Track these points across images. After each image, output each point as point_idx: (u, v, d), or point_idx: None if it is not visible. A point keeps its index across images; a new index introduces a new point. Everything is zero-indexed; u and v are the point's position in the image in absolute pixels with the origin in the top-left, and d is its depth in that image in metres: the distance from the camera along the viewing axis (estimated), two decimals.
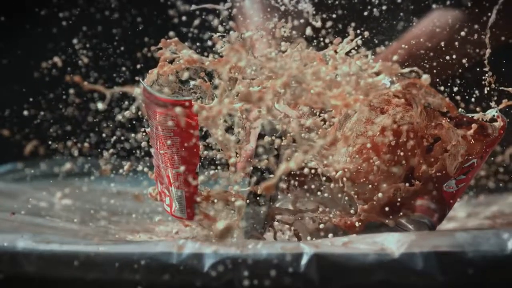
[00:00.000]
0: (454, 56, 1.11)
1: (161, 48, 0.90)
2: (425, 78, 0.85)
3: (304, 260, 0.76)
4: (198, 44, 1.09)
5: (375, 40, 1.13)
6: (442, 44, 1.13)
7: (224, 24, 0.96)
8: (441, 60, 1.12)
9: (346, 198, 0.91)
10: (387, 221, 0.89)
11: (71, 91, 1.20)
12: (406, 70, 0.86)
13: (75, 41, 1.33)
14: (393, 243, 0.77)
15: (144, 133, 0.93)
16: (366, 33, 0.96)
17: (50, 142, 1.26)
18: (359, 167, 0.89)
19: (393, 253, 0.76)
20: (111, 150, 1.08)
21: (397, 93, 0.89)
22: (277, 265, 0.75)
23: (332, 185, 0.91)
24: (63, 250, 0.78)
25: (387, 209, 0.89)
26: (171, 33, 0.93)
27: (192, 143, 0.85)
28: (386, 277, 0.75)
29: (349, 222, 0.89)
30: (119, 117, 0.90)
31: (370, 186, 0.89)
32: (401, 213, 0.89)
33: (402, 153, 0.89)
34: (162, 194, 0.90)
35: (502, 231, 0.80)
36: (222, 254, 0.76)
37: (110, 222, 1.04)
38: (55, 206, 1.15)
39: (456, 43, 1.12)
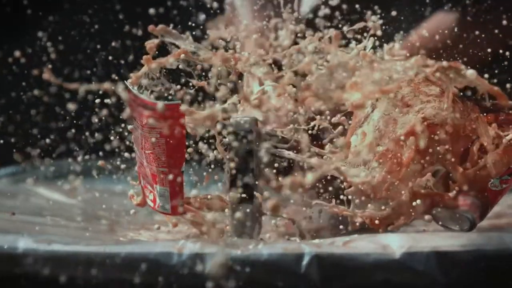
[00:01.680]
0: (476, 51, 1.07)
1: (149, 37, 0.88)
2: (471, 73, 0.81)
3: (305, 261, 0.75)
4: (189, 24, 1.04)
5: (401, 30, 1.08)
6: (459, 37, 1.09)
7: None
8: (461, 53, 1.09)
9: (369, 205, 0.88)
10: (425, 216, 0.86)
11: (36, 91, 1.15)
12: (445, 63, 0.82)
13: (40, 33, 1.26)
14: (394, 243, 0.77)
15: (127, 132, 0.92)
16: (394, 13, 0.93)
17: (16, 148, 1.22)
18: (383, 179, 0.86)
19: (394, 253, 0.76)
20: (82, 158, 1.06)
21: (431, 77, 0.84)
22: (278, 265, 0.75)
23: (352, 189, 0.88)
24: (64, 250, 0.78)
25: (420, 203, 0.86)
26: (151, 10, 0.90)
27: (179, 143, 0.85)
28: (387, 277, 0.75)
29: (378, 220, 0.87)
30: (95, 118, 0.89)
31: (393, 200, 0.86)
32: (440, 207, 0.86)
33: (436, 157, 0.85)
34: (145, 189, 0.90)
35: (503, 232, 0.79)
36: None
37: (110, 222, 1.04)
38: (55, 206, 1.15)
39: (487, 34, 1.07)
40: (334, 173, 0.86)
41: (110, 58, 1.23)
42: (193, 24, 0.98)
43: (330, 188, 0.92)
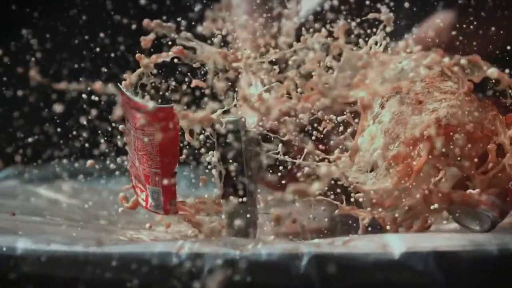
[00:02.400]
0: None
1: (144, 32, 0.86)
2: (492, 71, 0.79)
3: (304, 261, 0.75)
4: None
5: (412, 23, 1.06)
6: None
7: None
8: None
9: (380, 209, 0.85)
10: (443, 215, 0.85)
11: (20, 92, 1.12)
12: (464, 61, 0.79)
13: (24, 31, 1.22)
14: (394, 243, 0.77)
15: (118, 134, 0.92)
16: (407, 4, 0.91)
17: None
18: (394, 185, 0.83)
19: (393, 253, 0.76)
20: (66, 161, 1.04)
21: (448, 72, 0.82)
22: (277, 265, 0.75)
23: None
24: (63, 250, 0.78)
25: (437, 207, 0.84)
26: (142, 0, 0.89)
27: (172, 145, 0.85)
28: (387, 277, 0.75)
29: (389, 225, 0.85)
30: (84, 120, 0.88)
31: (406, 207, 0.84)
32: (459, 206, 0.84)
33: (451, 160, 0.83)
34: (137, 188, 0.90)
35: (503, 232, 0.79)
36: (222, 255, 0.75)
37: (110, 222, 1.04)
38: (55, 206, 1.15)
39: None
40: (342, 180, 0.85)
41: (99, 54, 1.20)
42: (188, 16, 0.96)
43: (338, 190, 0.90)
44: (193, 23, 0.90)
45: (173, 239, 0.90)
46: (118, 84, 0.85)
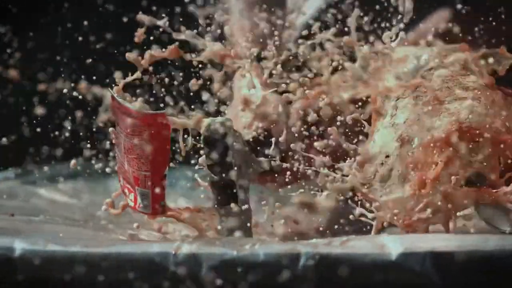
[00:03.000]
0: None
1: (136, 27, 0.85)
2: None
3: (302, 261, 0.75)
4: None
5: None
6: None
7: None
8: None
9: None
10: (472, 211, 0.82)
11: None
12: (491, 60, 0.77)
13: (2, 29, 1.20)
14: (391, 243, 0.77)
15: (108, 139, 0.91)
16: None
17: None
18: (410, 197, 0.81)
19: (391, 253, 0.76)
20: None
21: (473, 66, 0.78)
22: (275, 265, 0.75)
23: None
24: (62, 250, 0.78)
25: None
26: None
27: (163, 149, 0.85)
28: (384, 278, 0.75)
29: (414, 221, 0.84)
30: (68, 126, 0.87)
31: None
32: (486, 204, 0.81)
33: (475, 164, 0.79)
34: (126, 189, 0.90)
35: (501, 232, 0.79)
36: (219, 255, 0.76)
37: (109, 222, 1.04)
38: (54, 206, 1.16)
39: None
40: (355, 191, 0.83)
41: (86, 51, 1.18)
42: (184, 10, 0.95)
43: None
44: (186, 20, 0.90)
45: (171, 239, 0.91)
46: (109, 89, 0.85)
